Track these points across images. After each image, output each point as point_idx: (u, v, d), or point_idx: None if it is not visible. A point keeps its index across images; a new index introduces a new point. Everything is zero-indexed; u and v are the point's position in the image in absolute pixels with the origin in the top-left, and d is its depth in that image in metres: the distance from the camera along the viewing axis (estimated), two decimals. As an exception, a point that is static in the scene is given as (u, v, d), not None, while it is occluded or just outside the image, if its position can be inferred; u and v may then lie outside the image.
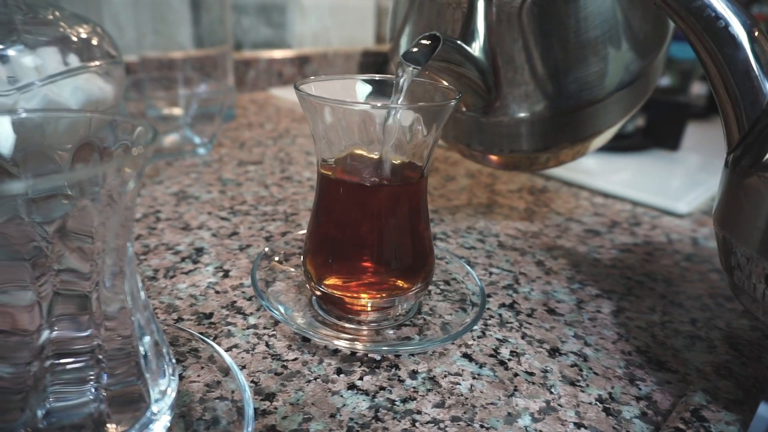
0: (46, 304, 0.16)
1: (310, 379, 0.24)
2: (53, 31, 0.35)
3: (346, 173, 0.27)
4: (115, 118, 0.18)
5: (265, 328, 0.28)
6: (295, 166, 0.54)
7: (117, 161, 0.15)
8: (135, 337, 0.18)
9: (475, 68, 0.31)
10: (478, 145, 0.36)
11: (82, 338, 0.17)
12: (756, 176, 0.22)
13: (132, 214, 0.17)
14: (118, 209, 0.16)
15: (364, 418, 0.22)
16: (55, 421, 0.17)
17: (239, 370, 0.23)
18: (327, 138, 0.26)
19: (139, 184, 0.16)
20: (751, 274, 0.22)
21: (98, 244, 0.16)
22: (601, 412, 0.23)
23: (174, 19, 0.74)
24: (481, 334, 0.28)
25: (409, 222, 0.27)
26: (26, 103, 0.34)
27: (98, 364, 0.18)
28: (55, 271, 0.16)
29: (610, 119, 0.34)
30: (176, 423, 0.21)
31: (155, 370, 0.19)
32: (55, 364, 0.17)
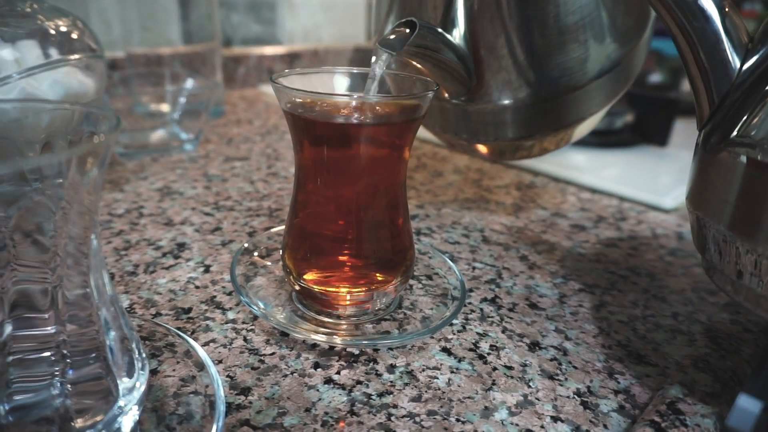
0: (7, 300, 0.16)
1: (286, 373, 0.24)
2: (31, 23, 0.35)
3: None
4: (90, 109, 0.18)
5: (244, 323, 0.28)
6: (282, 162, 0.53)
7: (77, 149, 0.15)
8: (101, 332, 0.18)
9: (454, 55, 0.31)
10: (463, 133, 0.36)
11: (46, 334, 0.17)
12: (725, 151, 0.22)
13: (95, 206, 0.17)
14: (80, 200, 0.16)
15: (340, 413, 0.22)
16: (21, 416, 0.17)
17: (214, 364, 0.23)
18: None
19: (102, 174, 0.16)
20: (722, 253, 0.22)
21: (61, 237, 0.16)
22: (578, 405, 0.23)
23: (162, 15, 0.74)
24: (461, 329, 0.28)
25: (387, 215, 0.27)
26: (4, 95, 0.33)
27: (63, 359, 0.17)
28: (16, 265, 0.16)
29: (592, 106, 0.34)
30: (148, 417, 0.21)
31: (122, 364, 0.19)
32: (19, 360, 0.17)
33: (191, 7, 0.75)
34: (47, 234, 0.16)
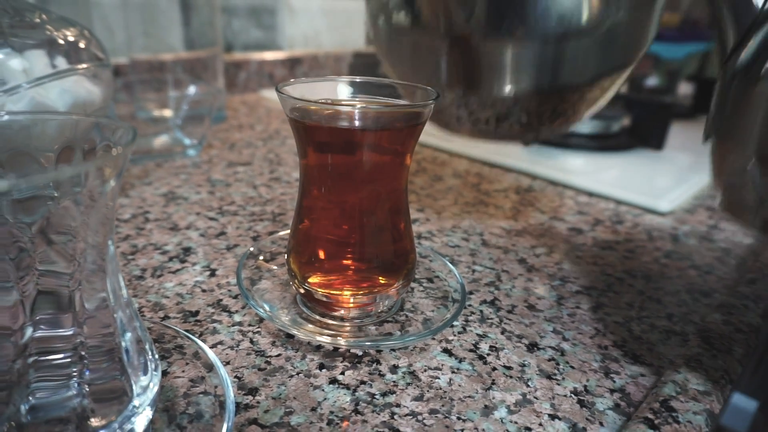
0: (29, 303, 0.17)
1: (292, 374, 0.25)
2: (40, 34, 0.35)
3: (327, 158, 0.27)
4: (99, 120, 0.19)
5: (250, 325, 0.28)
6: (284, 167, 0.54)
7: (97, 161, 0.15)
8: (117, 333, 0.19)
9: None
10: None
11: (64, 336, 0.18)
12: (751, 82, 0.23)
13: (113, 213, 0.17)
14: (99, 208, 0.17)
15: (344, 411, 0.23)
16: (39, 416, 0.18)
17: (222, 365, 0.23)
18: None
19: (119, 184, 0.17)
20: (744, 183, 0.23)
21: (80, 243, 0.17)
22: (575, 404, 0.24)
23: (164, 22, 0.75)
24: (461, 330, 0.29)
25: (390, 220, 0.28)
26: (13, 105, 0.34)
27: (81, 361, 0.18)
28: (38, 270, 0.17)
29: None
30: (159, 417, 0.22)
31: (137, 365, 0.20)
32: (39, 361, 0.18)
33: (193, 14, 0.76)
34: (68, 240, 0.16)
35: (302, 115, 0.26)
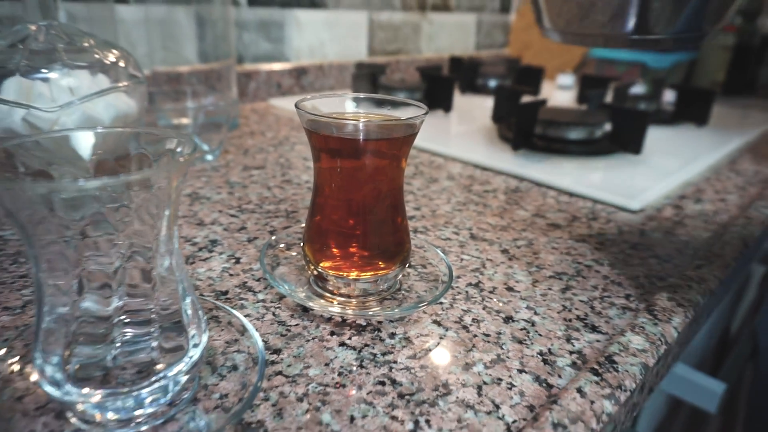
0: (116, 279, 0.22)
1: (308, 339, 0.30)
2: (89, 56, 0.41)
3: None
4: (176, 135, 0.24)
5: (272, 302, 0.34)
6: (294, 170, 0.60)
7: (172, 166, 0.21)
8: (179, 300, 0.24)
9: None
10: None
11: (144, 302, 0.23)
12: None
13: (178, 207, 0.23)
14: (171, 202, 0.22)
15: (351, 366, 0.28)
16: (120, 362, 0.23)
17: (253, 328, 0.29)
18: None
19: (184, 183, 0.22)
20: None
21: (157, 228, 0.22)
22: (540, 362, 0.29)
23: (181, 36, 0.81)
24: (449, 306, 0.34)
25: (389, 214, 0.33)
26: (67, 117, 0.40)
27: (154, 321, 0.24)
28: (130, 252, 0.22)
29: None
30: (204, 368, 0.27)
31: (192, 325, 0.25)
32: (124, 322, 0.23)
33: (207, 28, 0.82)
34: (149, 225, 0.22)
35: (316, 126, 0.31)
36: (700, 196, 0.58)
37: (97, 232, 0.21)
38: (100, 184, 0.19)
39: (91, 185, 0.19)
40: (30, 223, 0.20)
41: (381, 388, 0.27)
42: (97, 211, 0.20)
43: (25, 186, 0.19)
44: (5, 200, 0.19)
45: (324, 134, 0.31)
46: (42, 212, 0.20)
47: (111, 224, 0.21)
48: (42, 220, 0.20)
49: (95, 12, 0.66)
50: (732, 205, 0.55)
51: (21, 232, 0.21)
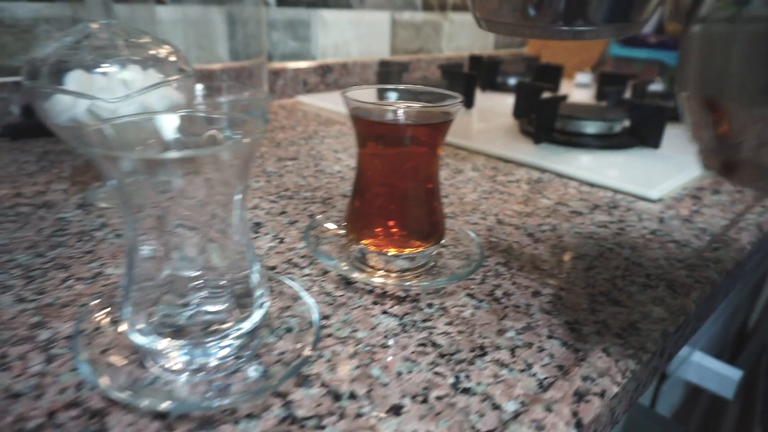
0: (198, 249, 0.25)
1: (354, 307, 0.33)
2: (144, 52, 0.44)
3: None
4: (246, 117, 0.27)
5: (317, 276, 0.37)
6: (326, 161, 0.63)
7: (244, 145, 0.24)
8: (249, 266, 0.27)
9: None
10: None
11: (221, 266, 0.26)
12: (693, 26, 0.25)
13: (247, 182, 0.26)
14: (242, 177, 0.25)
15: (395, 330, 0.31)
16: (195, 320, 0.26)
17: (307, 293, 0.32)
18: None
19: (253, 162, 0.25)
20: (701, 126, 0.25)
21: (230, 200, 0.25)
22: (567, 329, 0.32)
23: (214, 35, 0.84)
24: (481, 281, 0.37)
25: (425, 197, 0.36)
26: (126, 108, 0.43)
27: (225, 286, 0.27)
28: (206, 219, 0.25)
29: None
30: (263, 330, 0.30)
31: (258, 289, 0.28)
32: (203, 285, 0.26)
33: (238, 28, 0.86)
34: (225, 198, 0.25)
35: (363, 113, 0.34)
36: (717, 188, 0.60)
37: (181, 202, 0.24)
38: (182, 155, 0.22)
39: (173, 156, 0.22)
40: (130, 190, 0.23)
41: (423, 349, 0.30)
42: (181, 183, 0.23)
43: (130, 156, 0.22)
44: (111, 169, 0.23)
45: (369, 120, 0.34)
46: (139, 181, 0.23)
47: (193, 195, 0.24)
48: (139, 188, 0.23)
49: (138, 12, 0.69)
50: (750, 197, 0.57)
51: (123, 199, 0.24)
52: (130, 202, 0.24)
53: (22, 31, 0.68)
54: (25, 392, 0.25)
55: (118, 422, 0.24)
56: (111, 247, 0.40)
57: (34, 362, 0.27)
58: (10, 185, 0.52)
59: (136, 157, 0.22)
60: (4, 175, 0.54)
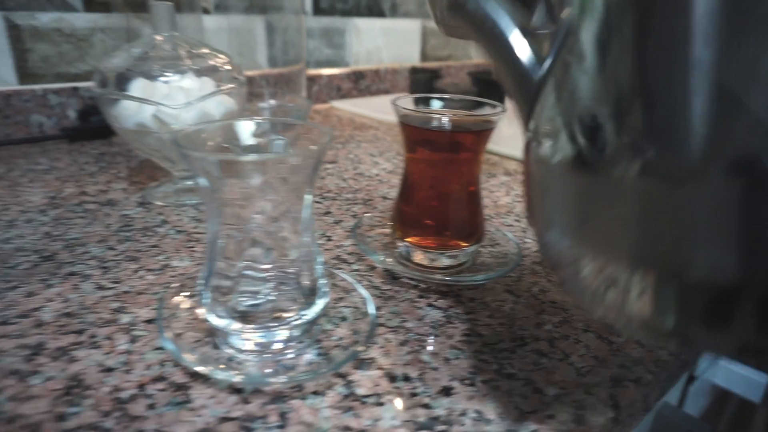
0: (265, 245, 0.28)
1: (401, 300, 0.36)
2: (204, 62, 0.48)
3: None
4: (313, 125, 0.30)
5: (365, 272, 0.40)
6: (364, 164, 0.66)
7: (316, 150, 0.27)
8: (313, 258, 0.30)
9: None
10: None
11: (291, 259, 0.29)
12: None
13: (314, 182, 0.29)
14: (310, 178, 0.28)
15: (441, 321, 0.34)
16: (266, 307, 0.29)
17: (361, 286, 0.35)
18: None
19: (320, 164, 0.28)
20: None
21: (300, 198, 0.28)
22: (601, 323, 0.34)
23: (253, 43, 0.88)
24: (518, 279, 0.39)
25: (467, 199, 0.39)
26: (187, 114, 0.47)
27: (293, 278, 0.30)
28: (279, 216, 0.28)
29: None
30: (321, 318, 0.33)
31: (320, 281, 0.31)
32: (276, 275, 0.29)
33: (276, 36, 0.89)
34: (295, 197, 0.28)
35: (410, 120, 0.37)
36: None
37: (258, 200, 0.27)
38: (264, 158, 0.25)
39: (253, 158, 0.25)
40: (217, 186, 0.26)
41: (468, 338, 0.32)
42: (257, 182, 0.26)
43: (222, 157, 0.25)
44: (200, 170, 0.26)
45: (418, 127, 0.37)
46: (224, 181, 0.26)
47: (269, 195, 0.27)
48: (223, 187, 0.26)
49: (187, 21, 0.73)
50: None
51: (209, 197, 0.27)
52: (215, 199, 0.27)
53: (80, 40, 0.73)
54: (116, 367, 0.28)
55: (201, 394, 0.27)
56: (173, 242, 0.43)
57: (121, 342, 0.31)
58: (74, 184, 0.56)
59: (223, 158, 0.26)
60: (69, 175, 0.58)
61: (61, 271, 0.38)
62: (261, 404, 0.26)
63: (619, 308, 0.19)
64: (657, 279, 0.18)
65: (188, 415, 0.25)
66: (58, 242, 0.43)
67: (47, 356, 0.29)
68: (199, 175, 0.26)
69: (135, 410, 0.25)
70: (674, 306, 0.17)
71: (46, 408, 0.25)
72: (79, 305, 0.34)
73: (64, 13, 0.71)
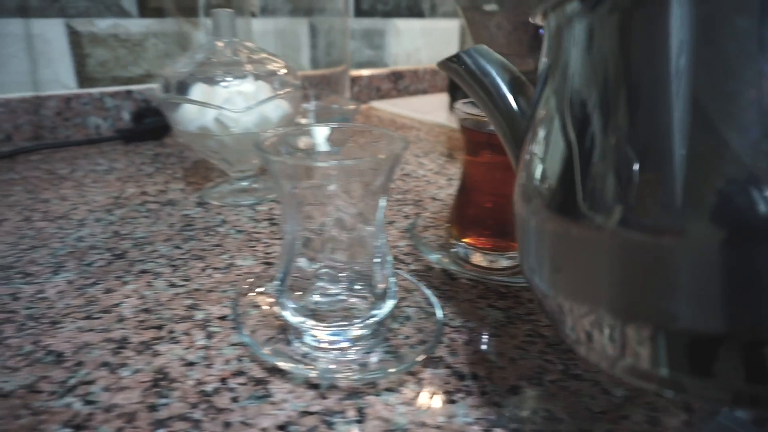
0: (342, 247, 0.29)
1: (461, 301, 0.37)
2: (263, 68, 0.49)
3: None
4: (388, 132, 0.31)
5: (423, 272, 0.40)
6: (410, 165, 0.67)
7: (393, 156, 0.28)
8: (385, 258, 0.31)
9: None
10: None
11: (362, 263, 0.30)
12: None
13: (389, 187, 0.30)
14: (384, 182, 0.29)
15: (502, 322, 0.34)
16: (339, 305, 0.30)
17: (424, 286, 0.36)
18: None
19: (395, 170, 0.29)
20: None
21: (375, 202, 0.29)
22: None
23: (297, 44, 0.90)
24: (575, 281, 0.40)
25: (525, 200, 0.39)
26: (247, 118, 0.48)
27: (366, 279, 0.31)
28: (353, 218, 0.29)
29: None
30: (388, 318, 0.34)
31: (390, 282, 0.32)
32: (350, 275, 0.30)
33: (319, 38, 0.91)
34: (374, 204, 0.29)
35: (470, 124, 0.38)
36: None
37: (336, 203, 0.28)
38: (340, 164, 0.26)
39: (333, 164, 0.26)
40: (297, 189, 0.27)
41: (530, 339, 0.33)
42: (336, 186, 0.28)
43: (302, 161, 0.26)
44: (277, 170, 0.27)
45: (479, 131, 0.38)
46: (305, 183, 0.27)
47: (347, 196, 0.28)
48: (304, 189, 0.27)
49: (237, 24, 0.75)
50: None
51: (290, 200, 0.28)
52: (295, 202, 0.28)
53: (135, 45, 0.76)
54: (197, 362, 0.30)
55: (280, 389, 0.28)
56: (235, 241, 0.45)
57: (198, 337, 0.32)
58: (135, 184, 0.58)
59: (305, 164, 0.27)
60: (128, 176, 0.61)
61: (134, 268, 0.40)
62: (338, 399, 0.27)
63: (609, 357, 0.19)
64: (642, 329, 0.17)
65: (270, 408, 0.27)
66: (127, 240, 0.45)
67: (132, 350, 0.31)
68: (280, 179, 0.27)
69: (220, 402, 0.27)
70: (663, 355, 0.17)
71: (138, 398, 0.27)
72: (154, 302, 0.36)
73: (121, 19, 0.73)
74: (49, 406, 0.26)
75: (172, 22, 0.77)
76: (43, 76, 0.71)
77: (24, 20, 0.67)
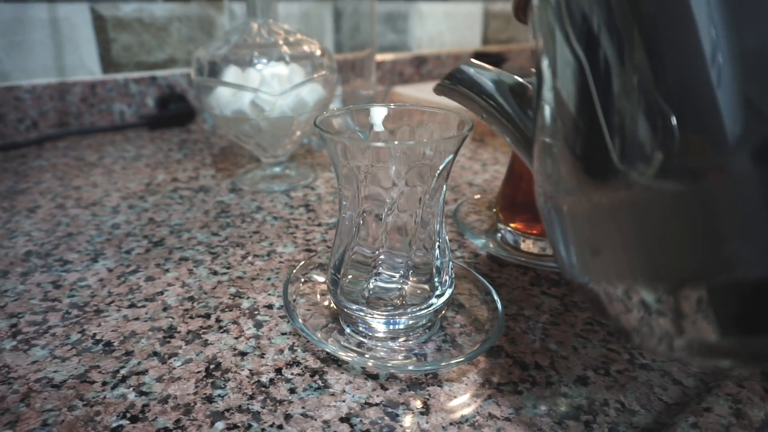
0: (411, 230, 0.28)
1: (514, 288, 0.35)
2: (299, 50, 0.48)
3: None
4: (454, 114, 0.30)
5: (470, 259, 0.39)
6: (442, 150, 0.65)
7: (454, 138, 0.26)
8: (446, 251, 0.30)
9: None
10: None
11: (423, 254, 0.29)
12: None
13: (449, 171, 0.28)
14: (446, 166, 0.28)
15: (559, 310, 0.33)
16: (396, 294, 0.29)
17: (482, 276, 0.34)
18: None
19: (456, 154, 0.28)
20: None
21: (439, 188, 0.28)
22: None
23: (321, 28, 0.88)
24: (629, 267, 0.38)
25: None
26: (283, 100, 0.47)
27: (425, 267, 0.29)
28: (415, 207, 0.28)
29: None
30: (441, 304, 0.33)
31: (449, 269, 0.31)
32: (410, 265, 0.29)
33: (343, 21, 0.89)
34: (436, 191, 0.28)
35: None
36: None
37: (399, 187, 0.27)
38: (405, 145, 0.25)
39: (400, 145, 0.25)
40: (358, 173, 0.26)
41: (591, 327, 0.31)
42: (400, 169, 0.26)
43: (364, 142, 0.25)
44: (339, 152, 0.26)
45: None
46: (368, 166, 0.26)
47: (408, 183, 0.27)
48: (367, 172, 0.26)
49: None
50: None
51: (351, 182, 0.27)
52: (356, 187, 0.27)
53: (159, 29, 0.74)
54: (248, 351, 0.29)
55: (337, 380, 0.27)
56: (273, 228, 0.44)
57: (247, 326, 0.31)
58: (165, 171, 0.57)
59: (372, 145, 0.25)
60: (157, 162, 0.60)
61: (174, 256, 0.39)
62: (399, 390, 0.26)
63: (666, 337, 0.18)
64: (697, 291, 0.16)
65: (330, 400, 0.26)
66: (164, 227, 0.44)
67: (181, 339, 0.30)
68: (341, 162, 0.26)
69: (278, 394, 0.26)
70: (724, 318, 0.16)
71: (192, 389, 0.26)
72: (198, 290, 0.35)
73: (145, 3, 0.72)
74: (102, 396, 0.26)
75: (195, 5, 0.75)
76: (69, 61, 0.70)
77: (49, 4, 0.66)
